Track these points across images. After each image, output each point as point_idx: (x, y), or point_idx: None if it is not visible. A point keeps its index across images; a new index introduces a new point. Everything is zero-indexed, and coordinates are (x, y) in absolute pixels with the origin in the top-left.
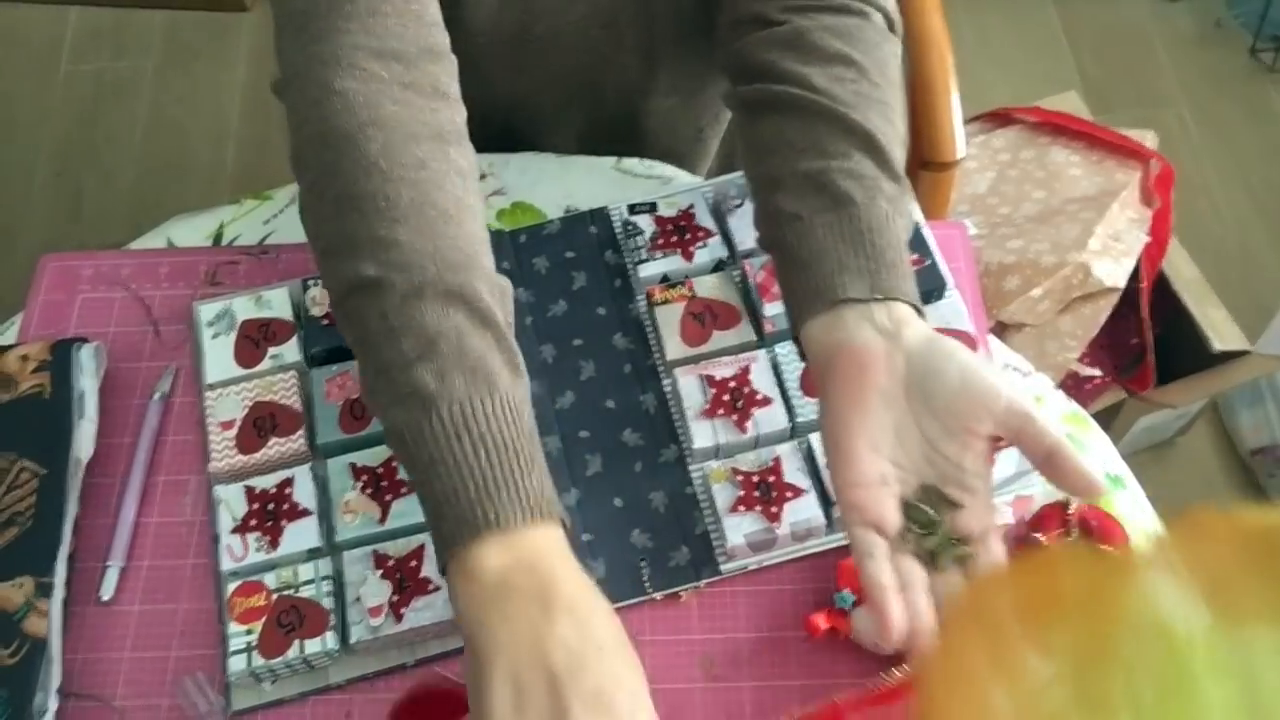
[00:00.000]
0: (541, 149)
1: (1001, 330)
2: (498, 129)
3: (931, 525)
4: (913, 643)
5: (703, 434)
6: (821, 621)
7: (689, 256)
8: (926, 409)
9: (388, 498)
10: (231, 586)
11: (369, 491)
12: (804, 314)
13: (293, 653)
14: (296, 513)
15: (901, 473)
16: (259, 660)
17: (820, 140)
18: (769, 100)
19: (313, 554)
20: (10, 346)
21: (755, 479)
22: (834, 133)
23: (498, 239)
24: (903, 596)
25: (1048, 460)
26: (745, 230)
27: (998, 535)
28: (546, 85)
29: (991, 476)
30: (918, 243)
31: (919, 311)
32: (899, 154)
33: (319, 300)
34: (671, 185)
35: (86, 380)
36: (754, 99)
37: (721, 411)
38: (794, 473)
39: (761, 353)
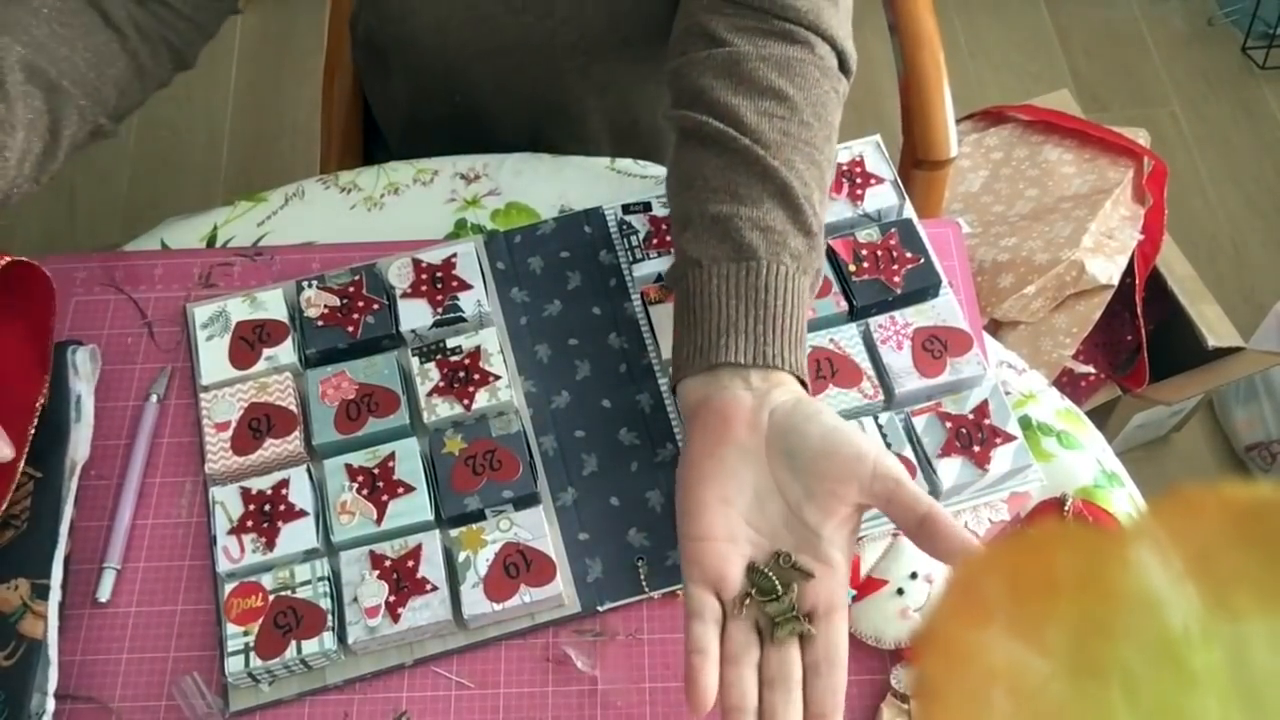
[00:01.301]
0: (497, 146)
1: (996, 328)
2: (437, 120)
3: (775, 593)
4: None
5: None
6: None
7: None
8: (789, 470)
9: (384, 498)
10: (228, 588)
11: (365, 492)
12: (683, 370)
13: (290, 653)
14: (293, 514)
15: (755, 535)
16: (256, 661)
17: (736, 183)
18: (695, 130)
19: (309, 555)
20: None
21: None
22: (751, 178)
23: (492, 239)
24: (725, 669)
25: (920, 527)
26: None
27: (843, 615)
28: (478, 61)
29: (851, 549)
30: (912, 241)
31: (803, 383)
32: (819, 202)
33: (314, 301)
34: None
35: (81, 383)
36: (683, 126)
37: None
38: None
39: None
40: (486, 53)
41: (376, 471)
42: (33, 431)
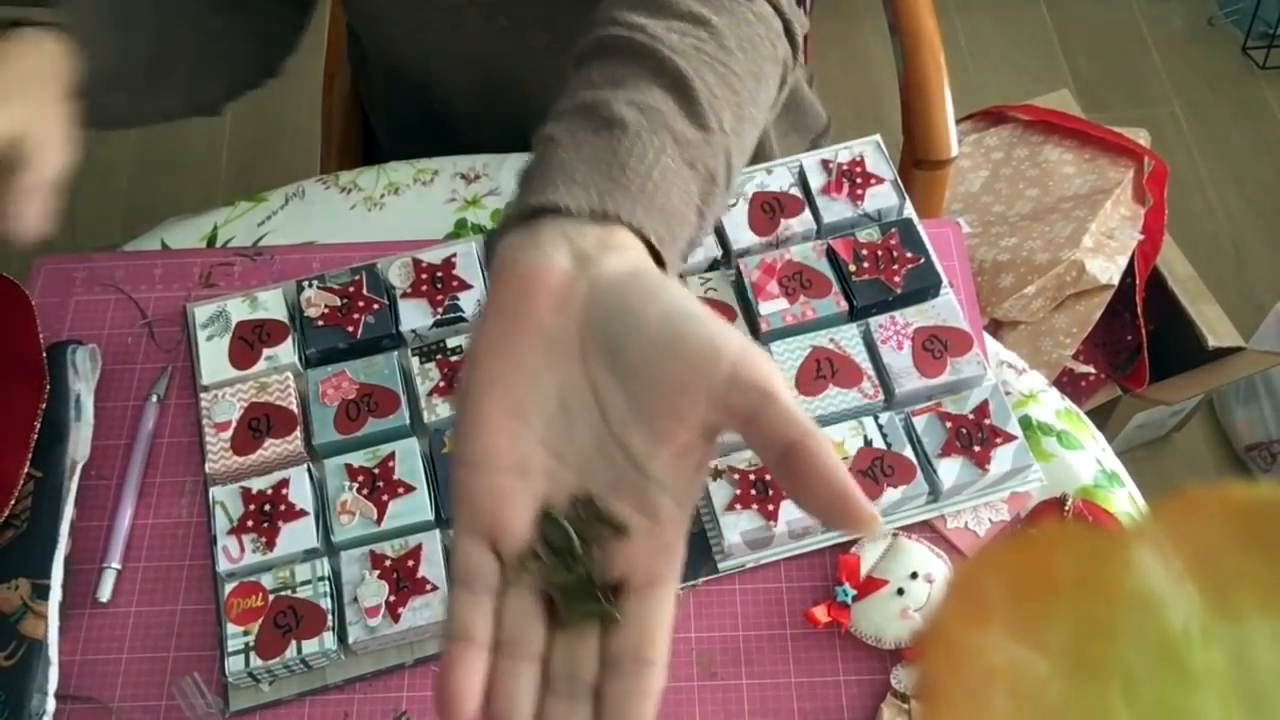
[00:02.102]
0: (467, 147)
1: (996, 328)
2: (419, 122)
3: (571, 555)
4: None
5: None
6: (822, 614)
7: (683, 256)
8: (611, 372)
9: (384, 498)
10: (228, 588)
11: (365, 492)
12: (492, 239)
13: (290, 653)
14: (293, 514)
15: (555, 466)
16: (257, 661)
17: (622, 77)
18: (589, 49)
19: (310, 555)
20: None
21: (751, 477)
22: (642, 72)
23: (492, 239)
24: (494, 662)
25: (784, 462)
26: (739, 229)
27: (667, 593)
28: (453, 68)
29: (692, 495)
30: (912, 241)
31: (659, 259)
32: (728, 121)
33: (314, 301)
34: None
35: (82, 383)
36: (578, 52)
37: None
38: None
39: None
40: (461, 58)
41: (376, 471)
42: (34, 439)
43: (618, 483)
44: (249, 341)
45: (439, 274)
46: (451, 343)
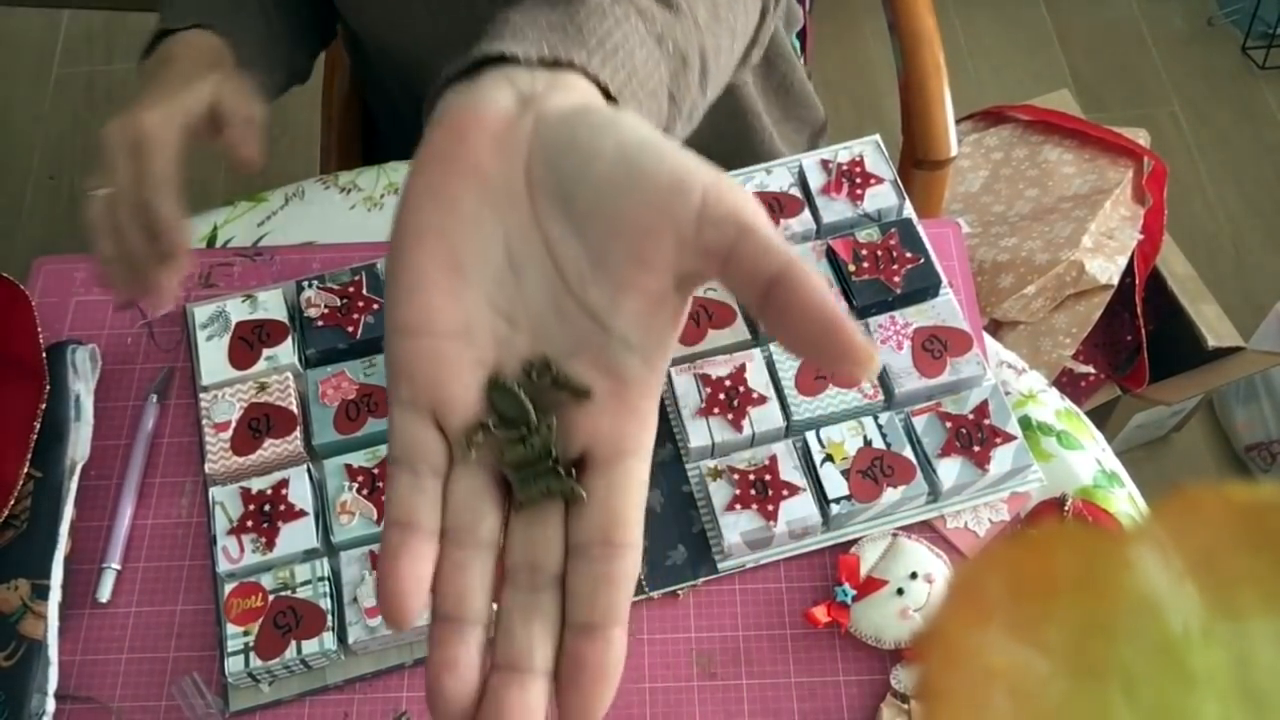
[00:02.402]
0: None
1: (996, 328)
2: (414, 115)
3: (526, 426)
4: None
5: (698, 433)
6: (822, 615)
7: None
8: (564, 217)
9: (384, 498)
10: (228, 588)
11: (365, 492)
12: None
13: (290, 653)
14: (293, 514)
15: (505, 327)
16: (256, 661)
17: None
18: None
19: (309, 555)
20: None
21: (751, 477)
22: None
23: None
24: (441, 551)
25: (769, 297)
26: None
27: (639, 467)
28: (439, 54)
29: (665, 351)
30: (912, 241)
31: (609, 94)
32: (702, 13)
33: (314, 301)
34: None
35: (81, 383)
36: None
37: (717, 410)
38: (790, 471)
39: (756, 351)
40: (444, 43)
41: (376, 471)
42: (34, 439)
43: (577, 344)
44: (249, 342)
45: None
46: None
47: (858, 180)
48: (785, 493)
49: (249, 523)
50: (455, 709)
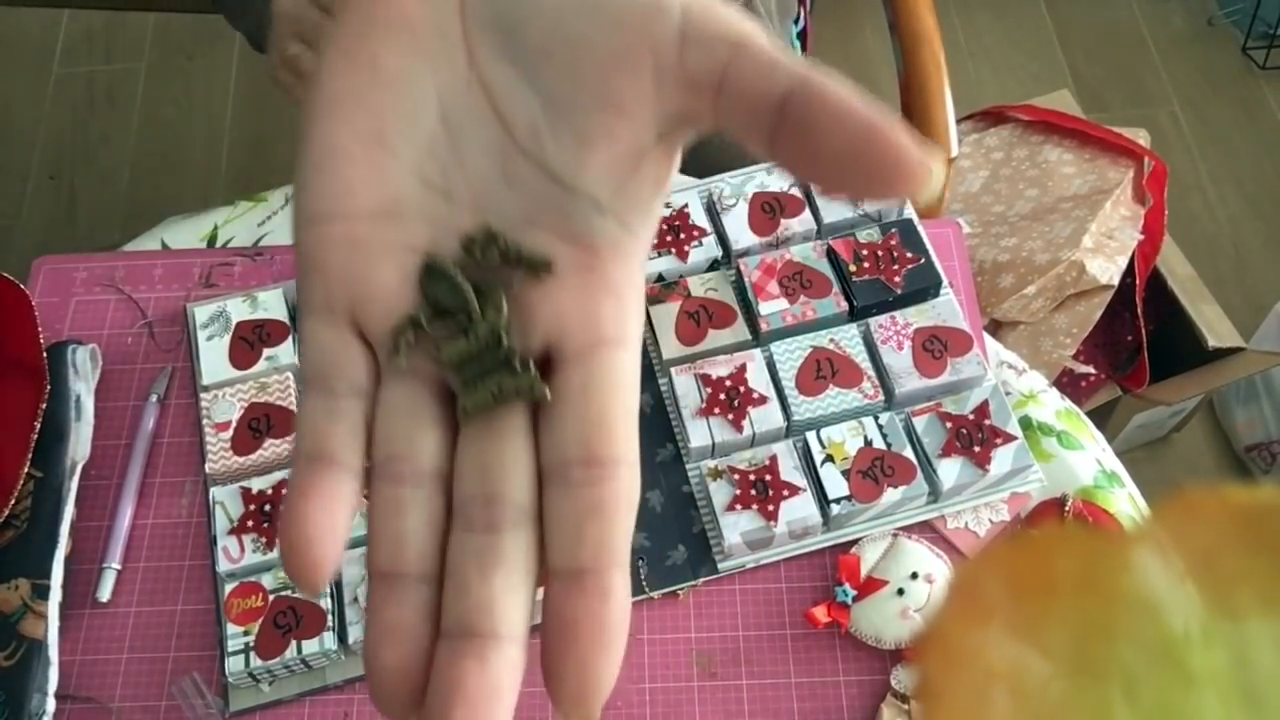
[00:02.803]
0: None
1: (996, 328)
2: None
3: (467, 315)
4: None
5: (699, 433)
6: (822, 615)
7: (684, 256)
8: (512, 61)
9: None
10: (228, 588)
11: (364, 492)
12: None
13: (290, 653)
14: None
15: (441, 204)
16: (257, 661)
17: None
18: None
19: None
20: None
21: (752, 477)
22: None
23: None
24: (372, 488)
25: (784, 116)
26: (740, 229)
27: (627, 359)
28: None
29: (649, 211)
30: (912, 241)
31: None
32: None
33: None
34: None
35: (82, 383)
36: None
37: (717, 410)
38: (790, 471)
39: (757, 351)
40: None
41: None
42: (34, 439)
43: (533, 212)
44: (249, 341)
45: None
46: None
47: None
48: (786, 493)
49: (249, 523)
50: (397, 689)
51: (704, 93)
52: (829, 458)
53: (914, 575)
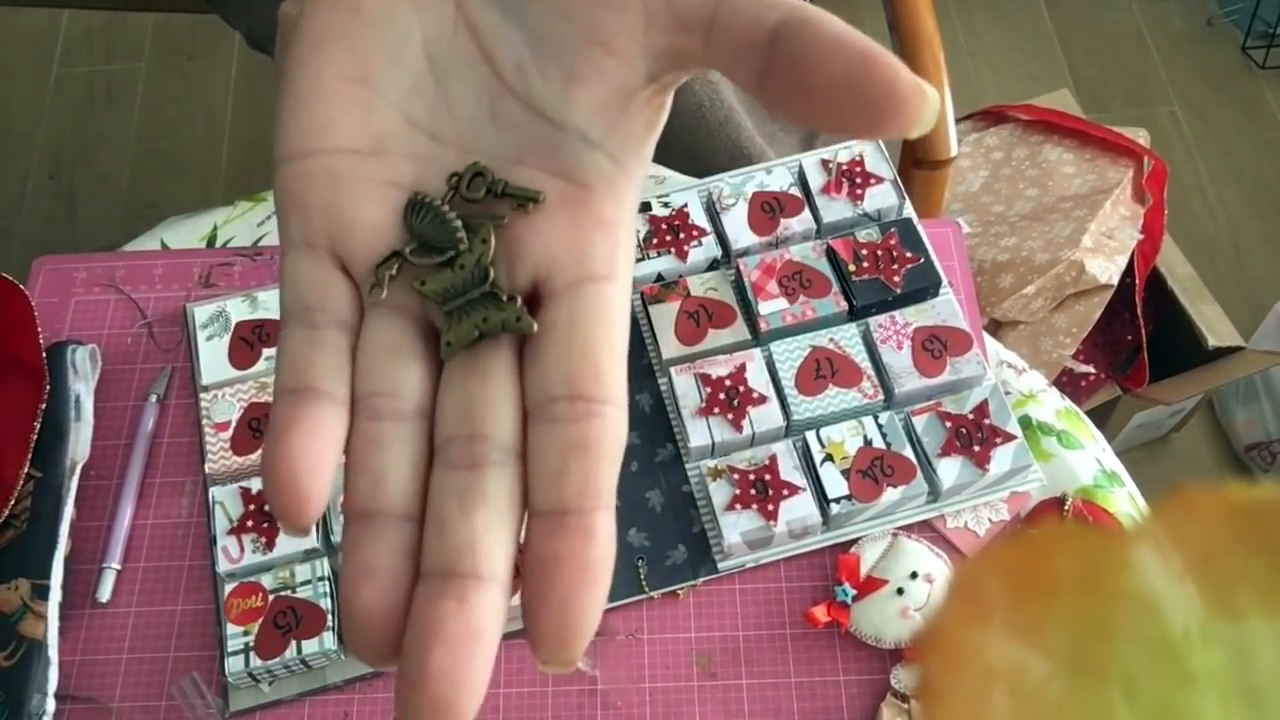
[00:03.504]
0: None
1: (995, 328)
2: None
3: (453, 248)
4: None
5: (698, 433)
6: (822, 614)
7: (683, 256)
8: (504, 15)
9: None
10: (228, 588)
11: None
12: None
13: (290, 653)
14: None
15: (425, 143)
16: (256, 661)
17: None
18: None
19: (309, 554)
20: None
21: (751, 477)
22: None
23: None
24: (352, 425)
25: (775, 52)
26: (739, 229)
27: (616, 295)
28: None
29: (641, 153)
30: (912, 241)
31: None
32: None
33: None
34: (665, 185)
35: (82, 383)
36: None
37: (717, 410)
38: (790, 470)
39: (757, 351)
40: None
41: None
42: (34, 439)
43: (521, 149)
44: (249, 341)
45: None
46: None
47: (858, 180)
48: (785, 492)
49: (249, 523)
50: (375, 632)
51: (695, 31)
52: (829, 457)
53: (914, 575)
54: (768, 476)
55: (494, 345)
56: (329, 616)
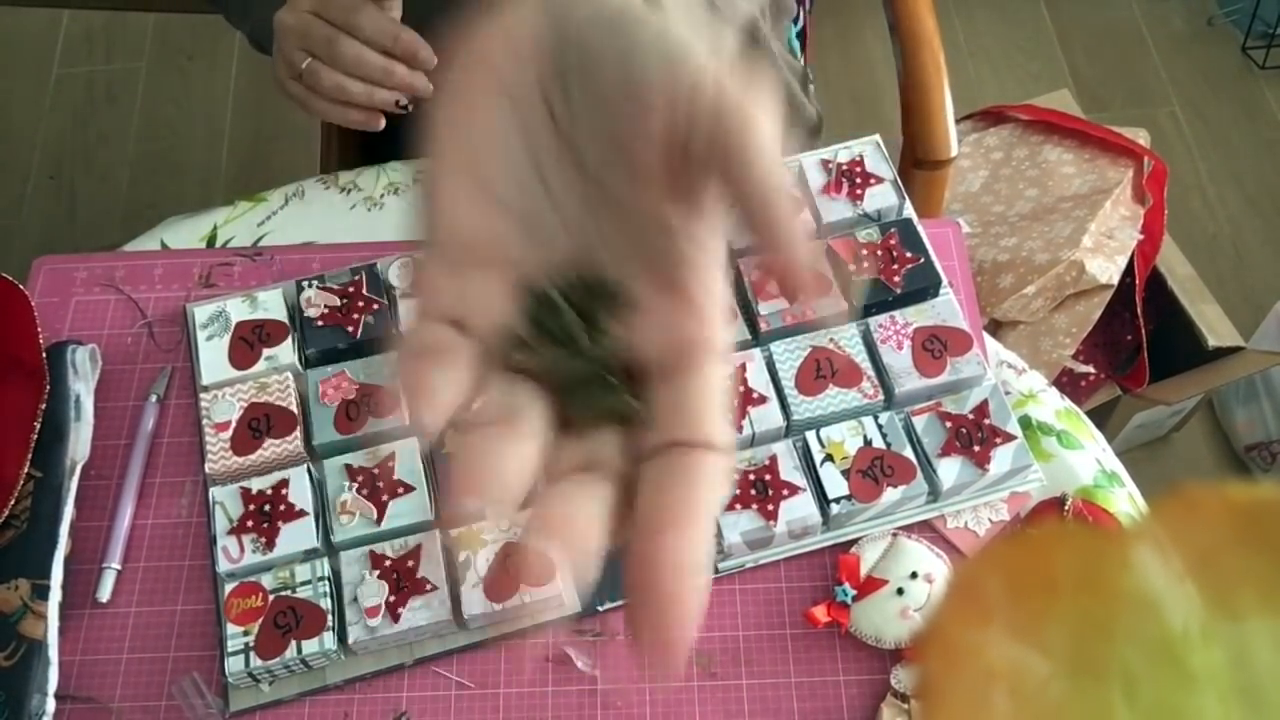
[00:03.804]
0: None
1: (996, 328)
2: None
3: (572, 340)
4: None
5: None
6: (822, 614)
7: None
8: (563, 96)
9: (384, 498)
10: (228, 588)
11: (365, 492)
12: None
13: (290, 653)
14: (293, 514)
15: (543, 236)
16: (256, 661)
17: None
18: None
19: (309, 555)
20: None
21: (751, 477)
22: None
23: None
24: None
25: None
26: (739, 229)
27: (717, 368)
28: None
29: (716, 232)
30: (912, 241)
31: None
32: None
33: (314, 301)
34: None
35: (82, 383)
36: None
37: None
38: (790, 470)
39: (756, 351)
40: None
41: (376, 471)
42: (34, 439)
43: (614, 239)
44: (249, 342)
45: None
46: None
47: (858, 180)
48: (785, 492)
49: (249, 523)
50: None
51: (695, 133)
52: (829, 457)
53: (914, 575)
54: (768, 476)
55: (609, 422)
56: (329, 616)
